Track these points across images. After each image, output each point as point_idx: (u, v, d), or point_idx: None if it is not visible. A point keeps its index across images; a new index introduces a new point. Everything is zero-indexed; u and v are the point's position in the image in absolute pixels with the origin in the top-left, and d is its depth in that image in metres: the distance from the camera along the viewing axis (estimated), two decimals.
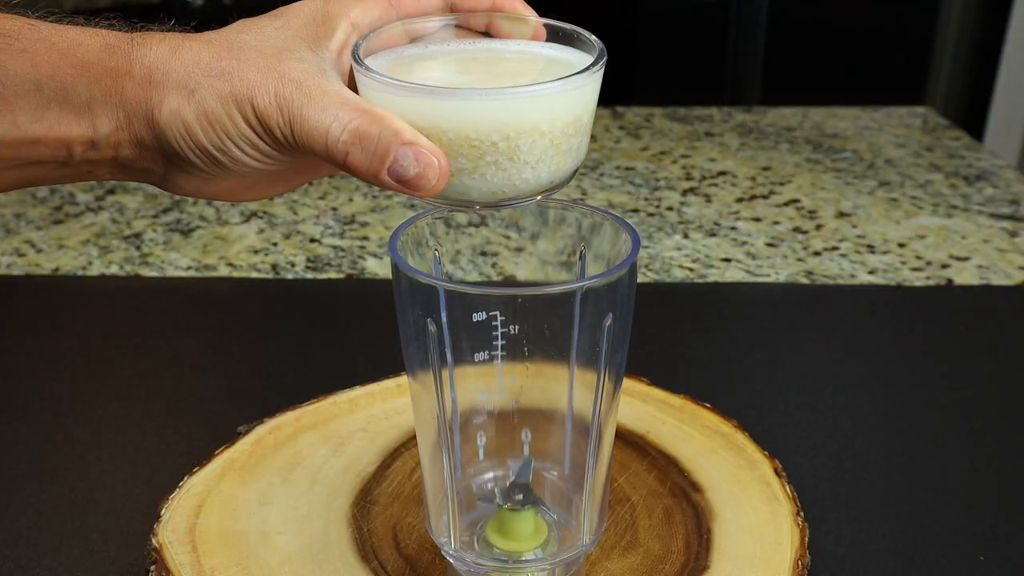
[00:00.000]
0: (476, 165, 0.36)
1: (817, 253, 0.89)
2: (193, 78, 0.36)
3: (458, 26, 0.40)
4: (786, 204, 1.00)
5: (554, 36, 0.40)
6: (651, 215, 0.97)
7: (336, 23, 0.38)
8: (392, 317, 0.42)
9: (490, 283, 0.45)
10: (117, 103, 0.37)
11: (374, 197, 1.01)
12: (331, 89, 0.36)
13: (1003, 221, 0.95)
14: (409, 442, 0.57)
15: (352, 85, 0.38)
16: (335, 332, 0.74)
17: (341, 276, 0.84)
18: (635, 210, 0.99)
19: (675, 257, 0.88)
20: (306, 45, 0.38)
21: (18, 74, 0.36)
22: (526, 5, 0.41)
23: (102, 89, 0.36)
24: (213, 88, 0.36)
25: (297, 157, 0.38)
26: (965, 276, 0.84)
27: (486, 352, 0.42)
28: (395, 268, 0.40)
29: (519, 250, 0.42)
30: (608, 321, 0.40)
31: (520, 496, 0.44)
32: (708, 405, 0.60)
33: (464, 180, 0.37)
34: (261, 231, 0.94)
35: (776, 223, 0.95)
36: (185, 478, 0.54)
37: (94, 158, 0.38)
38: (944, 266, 0.86)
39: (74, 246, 0.90)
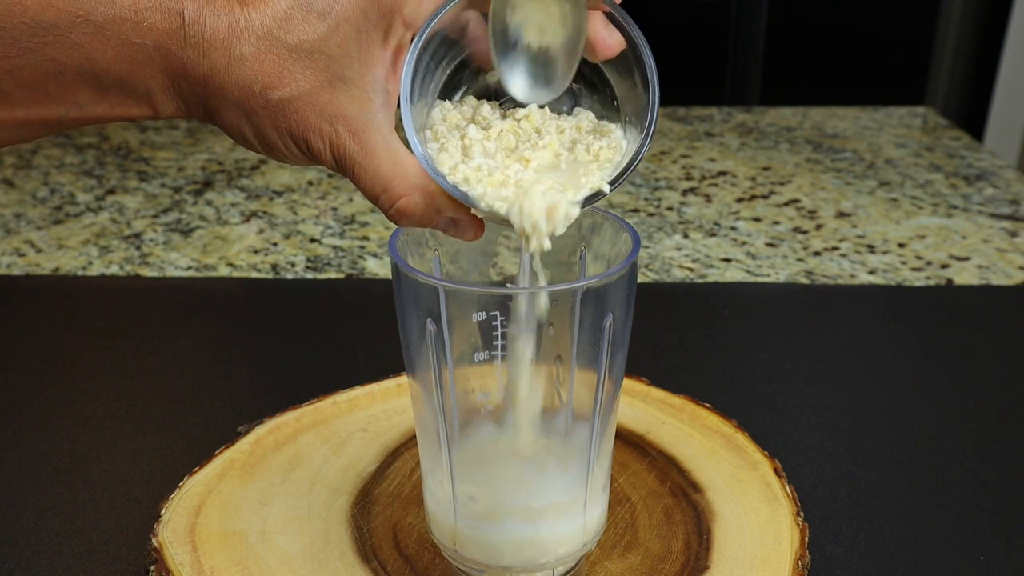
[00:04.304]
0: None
1: (817, 253, 0.89)
2: (248, 103, 0.37)
3: None
4: (786, 204, 1.00)
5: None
6: (651, 215, 0.97)
7: (389, 22, 0.37)
8: (392, 317, 0.42)
9: (490, 283, 0.45)
10: (176, 96, 0.38)
11: None
12: (382, 143, 0.38)
13: (1003, 221, 0.95)
14: (409, 442, 0.57)
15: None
16: (335, 332, 0.74)
17: (341, 276, 0.84)
18: (635, 210, 0.99)
19: (675, 257, 0.88)
20: (358, 62, 0.37)
21: (73, 67, 0.36)
22: None
23: (160, 84, 0.37)
24: (270, 120, 0.37)
25: None
26: (965, 276, 0.84)
27: (486, 352, 0.42)
28: (395, 268, 0.40)
29: (519, 250, 0.42)
30: (608, 321, 0.40)
31: None
32: (708, 405, 0.60)
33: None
34: (261, 231, 0.94)
35: (776, 223, 0.95)
36: (185, 478, 0.54)
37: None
38: (944, 266, 0.86)
39: (74, 246, 0.90)
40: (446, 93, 0.41)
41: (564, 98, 0.42)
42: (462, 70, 0.41)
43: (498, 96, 0.41)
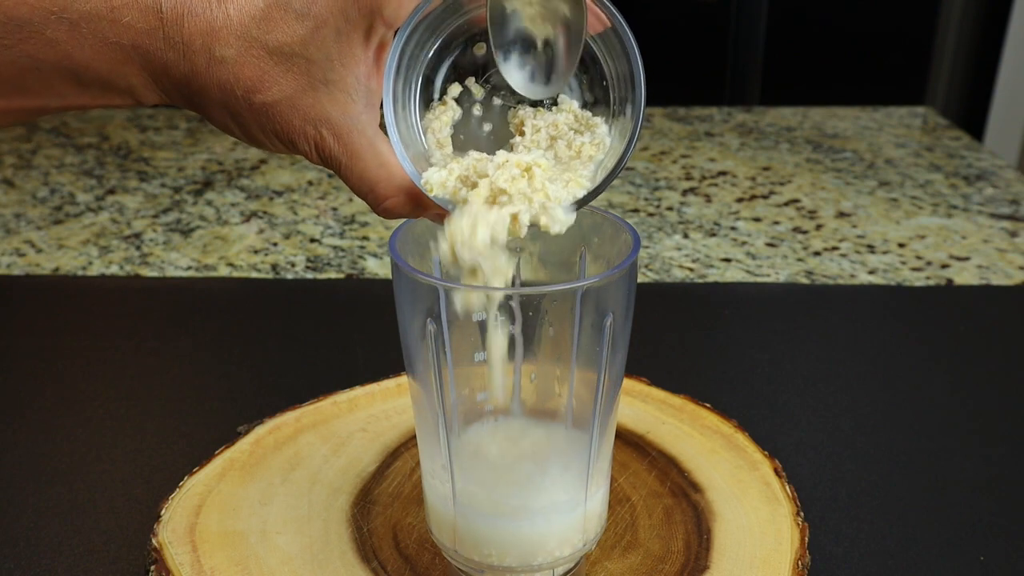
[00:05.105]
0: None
1: (817, 253, 0.89)
2: (231, 104, 0.37)
3: None
4: (786, 204, 1.00)
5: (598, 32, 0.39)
6: (651, 215, 0.97)
7: (369, 22, 0.37)
8: (392, 317, 0.42)
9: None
10: (159, 90, 0.38)
11: None
12: (367, 145, 0.38)
13: (1003, 221, 0.95)
14: (409, 442, 0.57)
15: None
16: (335, 332, 0.74)
17: (341, 276, 0.84)
18: (635, 210, 0.99)
19: (675, 257, 0.88)
20: (339, 64, 0.37)
21: (51, 63, 0.36)
22: None
23: (141, 80, 0.37)
24: (255, 121, 0.38)
25: None
26: (965, 276, 0.84)
27: (486, 352, 0.42)
28: (395, 268, 0.40)
29: (519, 250, 0.42)
30: (608, 321, 0.40)
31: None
32: (708, 405, 0.60)
33: None
34: (261, 231, 0.94)
35: (776, 223, 0.95)
36: (185, 478, 0.54)
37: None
38: (944, 266, 0.86)
39: (74, 246, 0.90)
40: (432, 71, 0.41)
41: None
42: (448, 48, 0.41)
43: (485, 70, 0.41)
